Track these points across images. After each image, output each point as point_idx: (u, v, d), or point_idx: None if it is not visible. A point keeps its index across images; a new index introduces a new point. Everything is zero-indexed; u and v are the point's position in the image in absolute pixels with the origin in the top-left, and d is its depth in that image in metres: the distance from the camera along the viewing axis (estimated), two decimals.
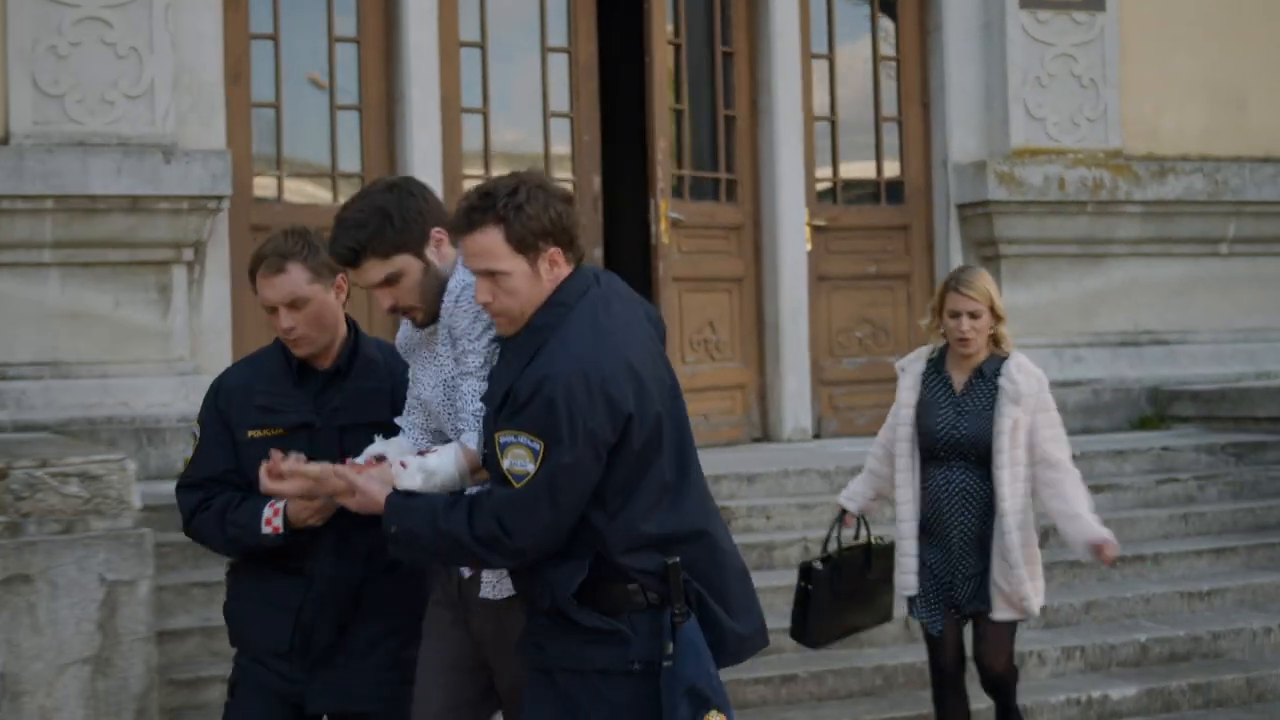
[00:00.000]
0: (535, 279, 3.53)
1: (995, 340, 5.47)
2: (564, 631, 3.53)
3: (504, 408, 3.46)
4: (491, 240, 3.49)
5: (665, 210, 8.35)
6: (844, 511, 5.67)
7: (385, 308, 3.80)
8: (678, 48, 8.64)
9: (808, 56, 8.90)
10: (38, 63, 7.34)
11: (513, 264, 3.50)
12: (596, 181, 8.56)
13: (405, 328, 3.98)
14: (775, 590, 6.20)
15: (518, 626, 3.70)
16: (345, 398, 4.12)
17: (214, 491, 4.13)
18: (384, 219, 3.71)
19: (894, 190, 9.22)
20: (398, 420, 4.03)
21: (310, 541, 4.02)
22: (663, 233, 8.38)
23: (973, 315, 5.37)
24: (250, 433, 4.10)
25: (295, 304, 4.04)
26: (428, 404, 3.90)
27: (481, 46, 8.39)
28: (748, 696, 6.02)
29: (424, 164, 7.94)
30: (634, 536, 3.46)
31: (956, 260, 8.84)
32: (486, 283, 3.52)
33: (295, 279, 4.04)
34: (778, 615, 5.74)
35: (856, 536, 5.63)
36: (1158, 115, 9.27)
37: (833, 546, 5.56)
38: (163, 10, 7.51)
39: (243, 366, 4.32)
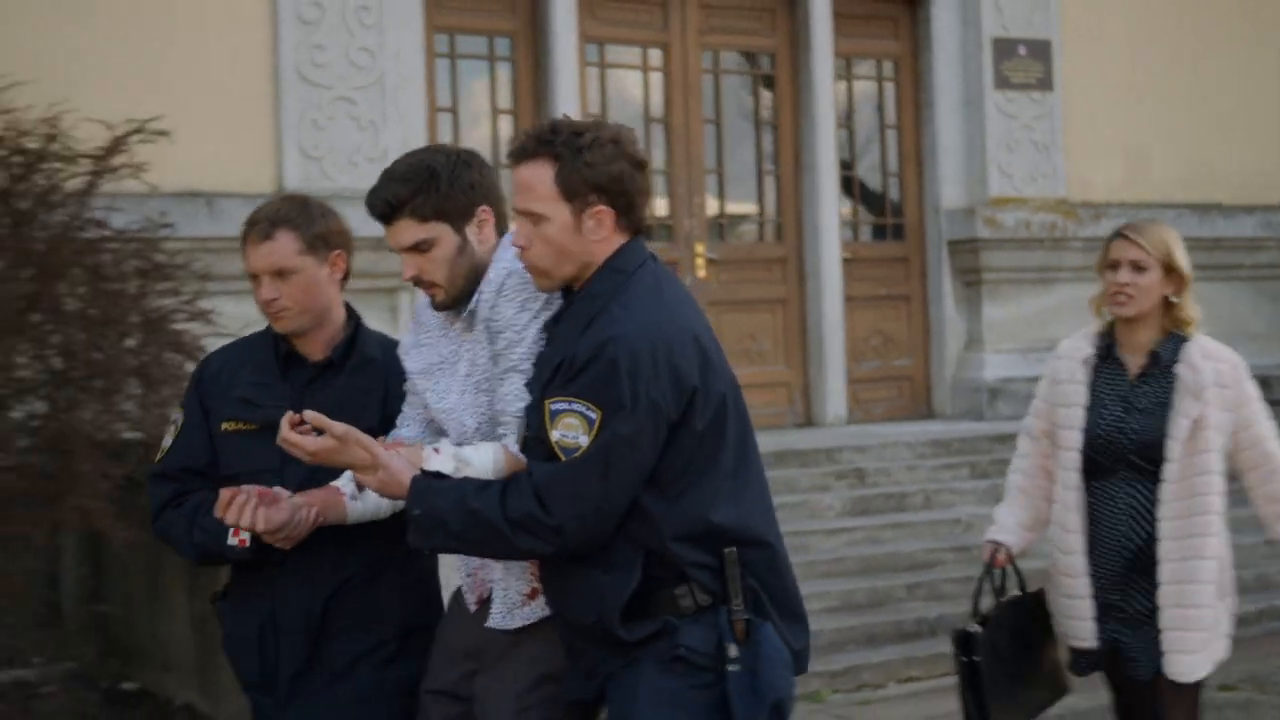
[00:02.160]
0: (575, 233, 3.23)
1: (1174, 317, 4.46)
2: (608, 649, 3.24)
3: (557, 375, 3.15)
4: (539, 176, 3.23)
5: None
6: (994, 553, 4.65)
7: (406, 275, 3.51)
8: (718, 125, 11.06)
9: (838, 124, 11.37)
10: (303, 132, 9.32)
11: (554, 209, 3.22)
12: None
13: (415, 330, 3.67)
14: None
15: (522, 660, 3.44)
16: (333, 396, 3.72)
17: (190, 485, 3.77)
18: (430, 179, 3.44)
19: (897, 230, 11.74)
20: (393, 434, 3.65)
21: (272, 563, 3.67)
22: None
23: (1136, 267, 4.40)
24: (225, 424, 3.78)
25: (281, 273, 3.71)
26: (451, 415, 3.50)
27: (602, 105, 10.65)
28: None
29: None
30: (690, 522, 3.16)
31: (947, 284, 11.44)
32: (525, 225, 3.26)
33: (283, 246, 3.71)
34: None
35: (1003, 586, 4.64)
36: (1092, 171, 11.93)
37: (986, 602, 4.56)
38: (393, 91, 9.57)
39: (229, 350, 3.97)
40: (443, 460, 3.25)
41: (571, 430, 3.09)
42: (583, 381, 3.10)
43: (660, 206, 10.84)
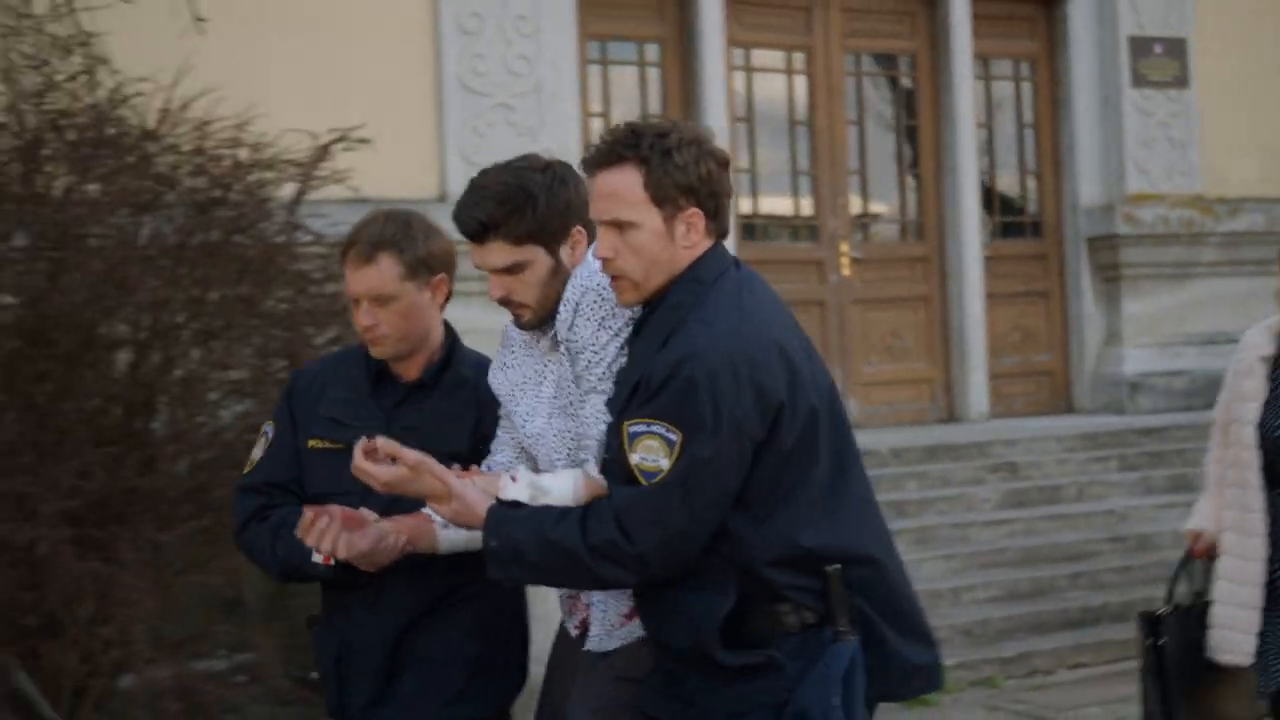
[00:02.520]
0: (667, 240, 3.08)
1: None
2: (705, 675, 3.03)
3: (635, 395, 3.00)
4: (627, 182, 3.05)
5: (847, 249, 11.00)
6: (1194, 542, 4.44)
7: (494, 296, 3.36)
8: (860, 126, 11.25)
9: (976, 125, 11.54)
10: (464, 139, 9.60)
11: (645, 215, 3.06)
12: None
13: (503, 349, 3.54)
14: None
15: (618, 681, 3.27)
16: (423, 418, 3.59)
17: (276, 500, 3.65)
18: (527, 200, 3.26)
19: (1035, 227, 11.89)
20: (488, 460, 3.51)
21: (353, 587, 3.55)
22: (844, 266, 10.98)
23: None
24: (311, 441, 3.65)
25: (380, 299, 3.55)
26: (540, 440, 3.36)
27: (748, 122, 10.87)
28: None
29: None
30: (784, 547, 2.98)
31: (1086, 280, 11.59)
32: (610, 235, 3.08)
33: (385, 272, 3.54)
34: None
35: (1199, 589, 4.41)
36: (1227, 166, 12.02)
37: (1182, 590, 4.39)
38: (549, 98, 9.84)
39: (322, 365, 3.88)
40: (519, 488, 3.08)
41: (651, 453, 2.91)
42: (661, 402, 2.93)
43: (805, 206, 11.06)
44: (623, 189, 3.07)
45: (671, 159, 3.04)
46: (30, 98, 6.12)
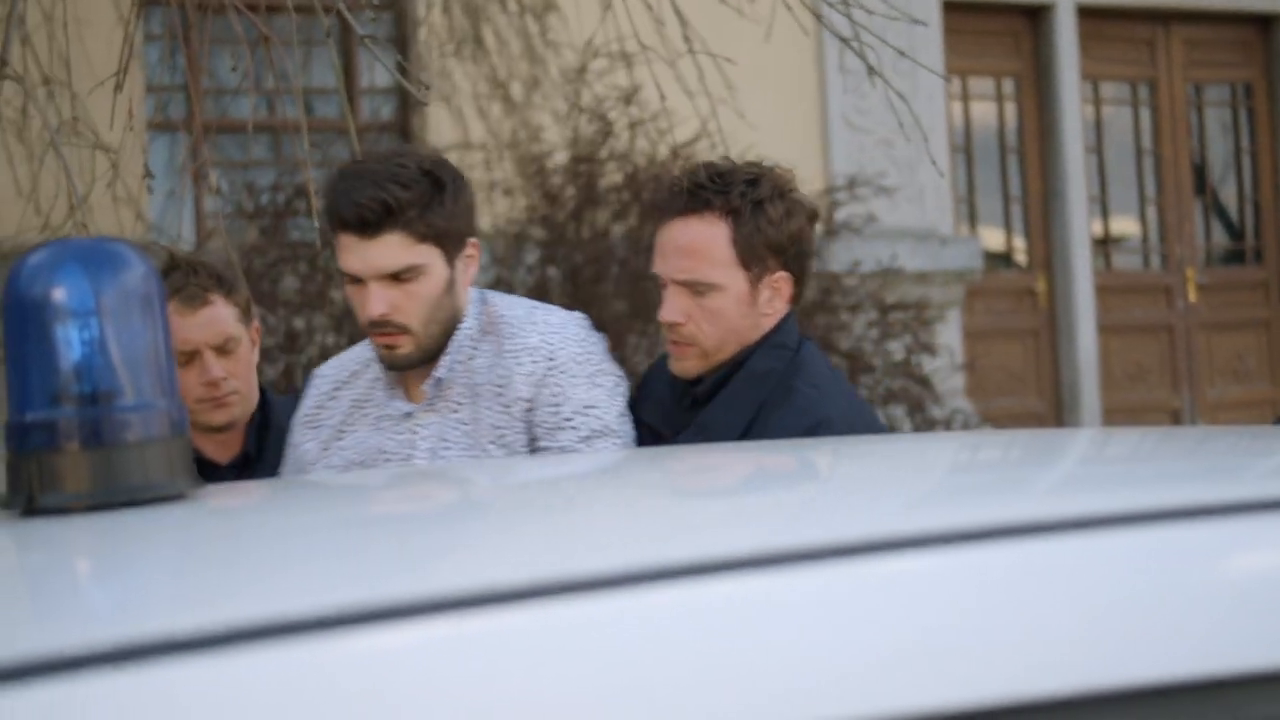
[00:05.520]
0: (750, 307, 2.66)
1: None
2: None
3: None
4: (712, 236, 2.62)
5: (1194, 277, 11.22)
6: None
7: (372, 315, 2.60)
8: (1202, 154, 11.50)
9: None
10: (849, 174, 10.00)
11: (730, 276, 2.63)
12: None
13: (315, 408, 2.83)
14: None
15: None
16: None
17: None
18: (436, 190, 2.60)
19: None
20: None
21: None
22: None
23: None
24: None
25: (224, 348, 2.99)
26: None
27: (1099, 152, 11.15)
28: None
29: (1078, 244, 10.67)
30: None
31: None
32: (682, 296, 2.65)
33: (221, 314, 2.97)
34: None
35: None
36: None
37: None
38: (926, 133, 10.17)
39: None
40: None
41: None
42: None
43: (1152, 233, 11.32)
44: (708, 244, 2.63)
45: (764, 212, 2.63)
46: (586, 145, 6.57)
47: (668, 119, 5.59)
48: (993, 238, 10.86)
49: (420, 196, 2.56)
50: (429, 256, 2.60)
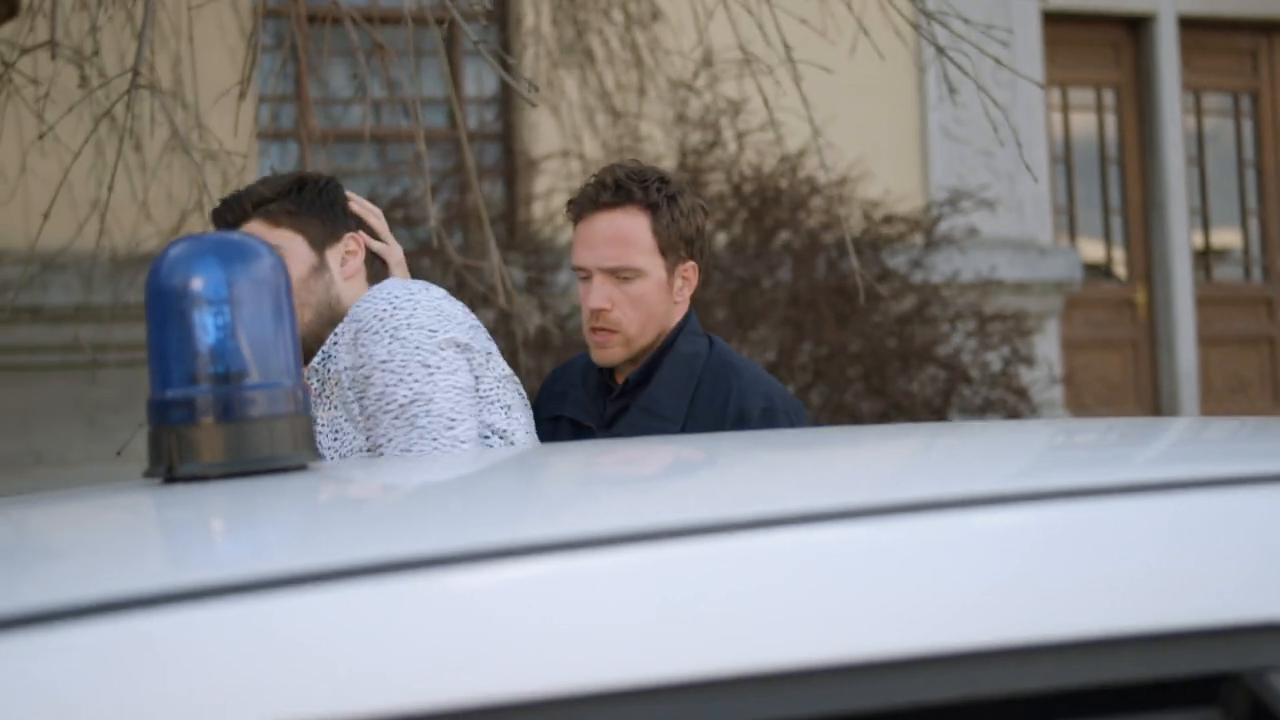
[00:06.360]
0: (665, 294, 2.88)
1: None
2: None
3: None
4: (635, 225, 2.83)
5: None
6: None
7: None
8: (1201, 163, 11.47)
9: None
10: (948, 185, 10.06)
11: (652, 263, 2.85)
12: None
13: None
14: None
15: None
16: None
17: None
18: (297, 184, 2.84)
19: None
20: None
21: None
22: None
23: None
24: None
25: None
26: None
27: (1200, 164, 11.15)
28: None
29: (1179, 256, 10.66)
30: None
31: None
32: (608, 284, 2.84)
33: None
34: None
35: None
36: None
37: None
38: (1025, 144, 10.22)
39: None
40: None
41: None
42: None
43: (1254, 245, 11.28)
44: (632, 234, 2.83)
45: (677, 205, 2.86)
46: (691, 155, 6.71)
47: (775, 130, 5.73)
48: (1092, 249, 10.88)
49: (280, 187, 2.83)
50: (288, 239, 2.78)
